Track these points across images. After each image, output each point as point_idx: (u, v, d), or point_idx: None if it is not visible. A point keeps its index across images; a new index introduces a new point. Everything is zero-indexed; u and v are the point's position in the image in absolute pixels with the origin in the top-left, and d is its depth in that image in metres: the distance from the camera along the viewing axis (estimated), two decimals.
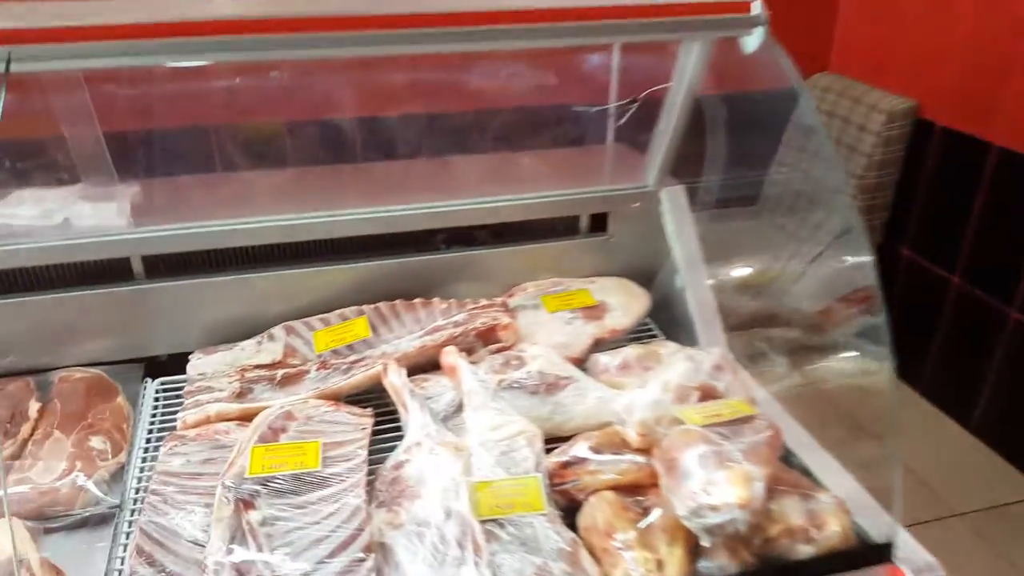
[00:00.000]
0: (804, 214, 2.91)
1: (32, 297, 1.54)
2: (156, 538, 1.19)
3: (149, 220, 1.58)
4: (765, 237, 2.39)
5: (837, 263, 2.13)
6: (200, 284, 1.63)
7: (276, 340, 1.63)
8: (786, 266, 2.06)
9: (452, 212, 1.76)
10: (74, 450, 1.34)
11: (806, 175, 2.93)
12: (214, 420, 1.44)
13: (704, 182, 1.82)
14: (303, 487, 1.26)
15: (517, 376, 1.53)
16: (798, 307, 1.95)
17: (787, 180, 2.98)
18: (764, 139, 2.97)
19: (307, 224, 1.67)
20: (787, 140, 3.24)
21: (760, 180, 2.94)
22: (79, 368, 1.56)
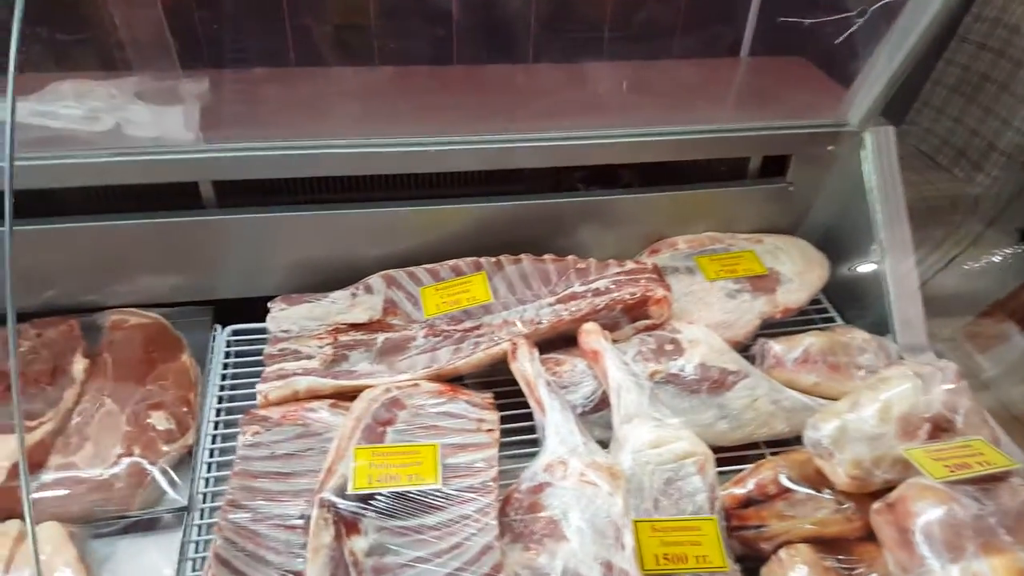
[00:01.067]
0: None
1: (77, 224, 1.22)
2: (238, 568, 0.92)
3: (222, 134, 1.22)
4: (994, 204, 1.93)
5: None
6: (282, 217, 1.30)
7: (375, 292, 1.31)
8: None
9: (592, 147, 1.36)
10: (131, 429, 1.06)
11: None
12: (303, 397, 1.15)
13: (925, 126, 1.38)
14: (419, 508, 0.98)
15: (674, 368, 1.20)
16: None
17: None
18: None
19: (413, 153, 1.30)
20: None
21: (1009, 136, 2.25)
22: (134, 310, 1.27)
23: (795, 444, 1.19)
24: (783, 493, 1.05)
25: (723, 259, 1.40)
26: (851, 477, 1.01)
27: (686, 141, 1.40)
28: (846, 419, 1.05)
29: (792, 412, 1.21)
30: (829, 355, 1.28)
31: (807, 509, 1.04)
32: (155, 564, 0.97)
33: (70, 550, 0.92)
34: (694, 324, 1.28)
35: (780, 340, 1.29)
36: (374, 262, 1.36)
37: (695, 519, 1.00)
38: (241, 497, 0.99)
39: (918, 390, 1.07)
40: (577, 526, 0.95)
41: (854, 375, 1.27)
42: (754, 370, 1.24)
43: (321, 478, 0.99)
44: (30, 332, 1.19)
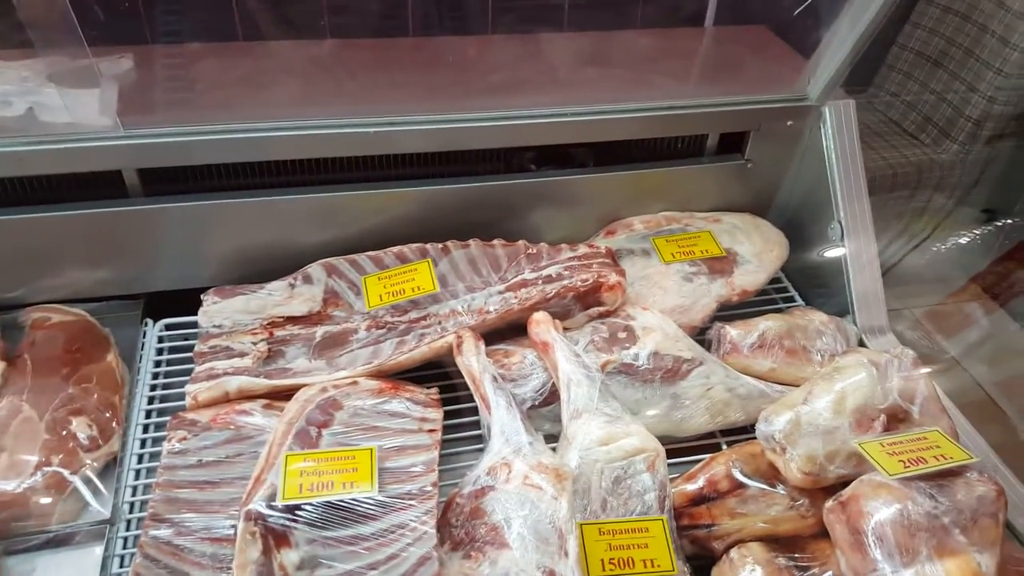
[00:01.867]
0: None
1: None
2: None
3: (147, 119, 1.12)
4: (961, 175, 1.86)
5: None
6: (215, 205, 1.20)
7: (314, 283, 1.23)
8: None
9: (545, 126, 1.28)
10: (49, 437, 0.99)
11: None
12: (234, 398, 1.08)
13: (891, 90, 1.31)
14: (354, 518, 0.92)
15: (627, 358, 1.14)
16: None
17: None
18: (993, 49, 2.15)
19: (357, 134, 1.21)
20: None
21: (975, 101, 2.10)
22: (58, 307, 1.18)
23: (751, 434, 1.14)
24: (735, 489, 1.00)
25: (679, 240, 1.33)
26: (804, 473, 0.97)
27: (643, 119, 1.32)
28: (799, 411, 1.01)
29: (748, 400, 1.16)
30: (786, 339, 1.22)
31: (760, 506, 0.99)
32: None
33: None
34: (648, 310, 1.21)
35: (736, 324, 1.23)
36: (316, 249, 1.27)
37: (643, 520, 0.95)
38: (164, 510, 0.92)
39: (873, 380, 1.03)
40: (519, 532, 0.89)
41: (812, 359, 1.22)
42: (709, 357, 1.18)
43: (249, 488, 0.92)
44: None
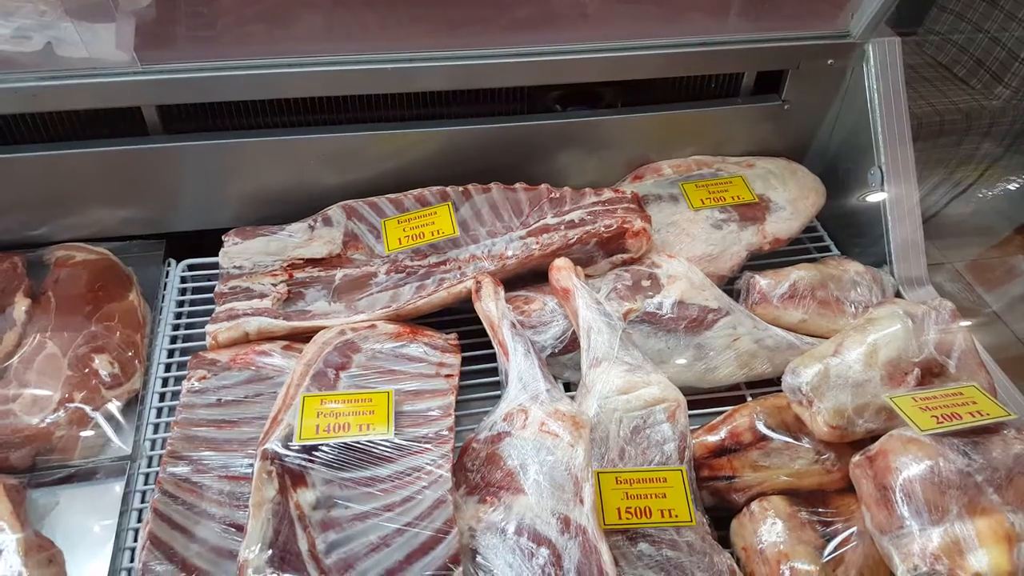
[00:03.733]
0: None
1: (16, 155, 1.10)
2: (177, 522, 0.86)
3: (163, 55, 1.08)
4: (1009, 125, 1.72)
5: None
6: (236, 144, 1.17)
7: (334, 225, 1.19)
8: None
9: (572, 64, 1.20)
10: (72, 374, 0.98)
11: None
12: (254, 339, 1.06)
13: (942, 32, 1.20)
14: (370, 460, 0.90)
15: (651, 306, 1.09)
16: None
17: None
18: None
19: (378, 71, 1.15)
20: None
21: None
22: (82, 245, 1.16)
23: (778, 387, 1.09)
24: (758, 441, 0.96)
25: (710, 185, 1.26)
26: (831, 427, 0.92)
27: (674, 56, 1.23)
28: (828, 363, 0.95)
29: (775, 352, 1.10)
30: (819, 289, 1.16)
31: (783, 459, 0.95)
32: (97, 513, 0.91)
33: (3, 504, 0.85)
34: (675, 258, 1.16)
35: (766, 274, 1.17)
36: (336, 191, 1.23)
37: (661, 470, 0.91)
38: (182, 448, 0.91)
39: (908, 332, 0.96)
40: (535, 479, 0.86)
41: (845, 311, 1.16)
42: (737, 307, 1.13)
43: (266, 428, 0.90)
44: None
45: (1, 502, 0.86)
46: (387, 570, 0.83)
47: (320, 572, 0.81)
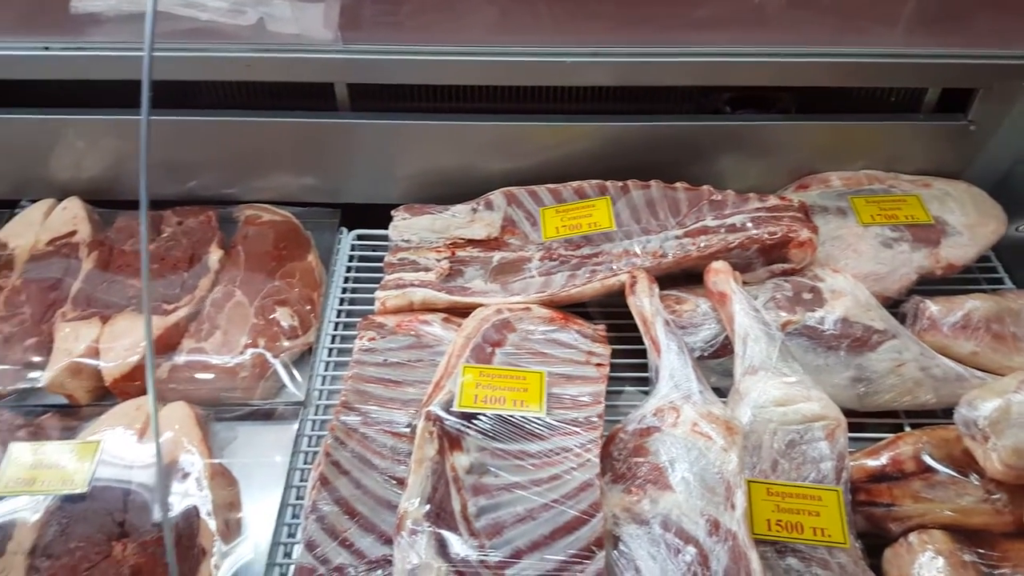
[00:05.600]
0: None
1: (218, 118, 1.20)
2: (345, 468, 0.90)
3: (360, 36, 1.14)
4: None
5: None
6: (411, 125, 1.21)
7: (494, 209, 1.21)
8: None
9: (743, 66, 1.16)
10: (257, 322, 1.05)
11: None
12: (417, 309, 1.10)
13: None
14: (522, 434, 0.91)
15: (811, 320, 1.04)
16: None
17: None
18: None
19: (545, 63, 1.15)
20: None
21: None
22: (268, 207, 1.25)
23: (940, 418, 1.01)
24: (922, 472, 0.89)
25: (882, 202, 1.18)
26: (1008, 466, 0.84)
27: (851, 65, 1.16)
28: (1011, 399, 0.86)
29: (943, 382, 1.02)
30: (994, 322, 1.06)
31: (948, 493, 0.88)
32: (270, 451, 0.97)
33: (195, 431, 0.93)
34: (840, 273, 1.09)
35: (938, 300, 1.08)
36: (497, 176, 1.25)
37: (817, 488, 0.87)
38: (354, 400, 0.96)
39: None
40: (684, 476, 0.84)
41: (1022, 349, 1.06)
42: (904, 331, 1.05)
43: (429, 391, 0.94)
44: (172, 219, 1.20)
45: (193, 429, 0.93)
46: (532, 542, 0.83)
47: (471, 533, 0.83)
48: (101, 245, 1.14)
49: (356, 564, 0.85)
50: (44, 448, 0.91)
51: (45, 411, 0.98)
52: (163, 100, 1.21)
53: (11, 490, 0.88)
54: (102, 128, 1.20)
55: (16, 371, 1.00)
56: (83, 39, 1.09)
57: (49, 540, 0.85)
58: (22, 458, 0.90)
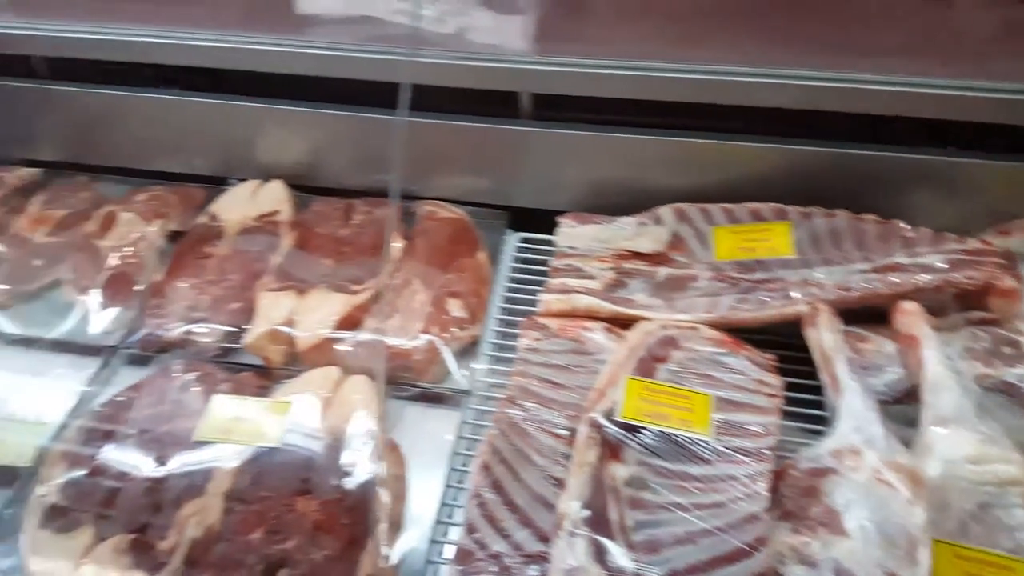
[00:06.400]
0: None
1: (413, 119, 1.25)
2: (507, 459, 0.92)
3: (550, 48, 1.16)
4: None
5: None
6: (589, 136, 1.22)
7: (663, 224, 1.19)
8: None
9: (946, 99, 1.07)
10: (431, 310, 1.10)
11: None
12: (580, 315, 1.10)
13: None
14: (685, 454, 0.89)
15: (1011, 377, 0.94)
16: None
17: None
18: None
19: (720, 82, 1.13)
20: None
21: None
22: (444, 204, 1.30)
23: None
24: None
25: None
26: None
27: None
28: None
29: None
30: None
31: None
32: (437, 432, 1.01)
33: (375, 405, 0.98)
34: None
35: None
36: (667, 191, 1.23)
37: (1015, 560, 0.78)
38: (518, 395, 0.98)
39: None
40: (862, 524, 0.79)
41: None
42: None
43: (592, 398, 0.93)
44: (362, 209, 1.28)
45: (373, 403, 0.99)
46: (690, 565, 0.81)
47: (628, 546, 0.82)
48: (299, 226, 1.24)
49: (512, 555, 0.86)
50: (243, 403, 1.00)
51: (243, 369, 1.08)
52: (358, 98, 1.31)
53: (213, 437, 0.97)
54: (306, 120, 1.31)
55: (221, 331, 1.11)
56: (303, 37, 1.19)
57: (243, 487, 0.92)
58: (223, 410, 0.99)
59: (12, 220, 1.32)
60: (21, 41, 1.32)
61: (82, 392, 1.08)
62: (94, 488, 0.96)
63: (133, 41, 1.25)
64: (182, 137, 1.36)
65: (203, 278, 1.16)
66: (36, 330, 1.18)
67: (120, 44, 1.26)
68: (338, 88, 1.30)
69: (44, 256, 1.25)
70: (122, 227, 1.25)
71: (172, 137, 1.36)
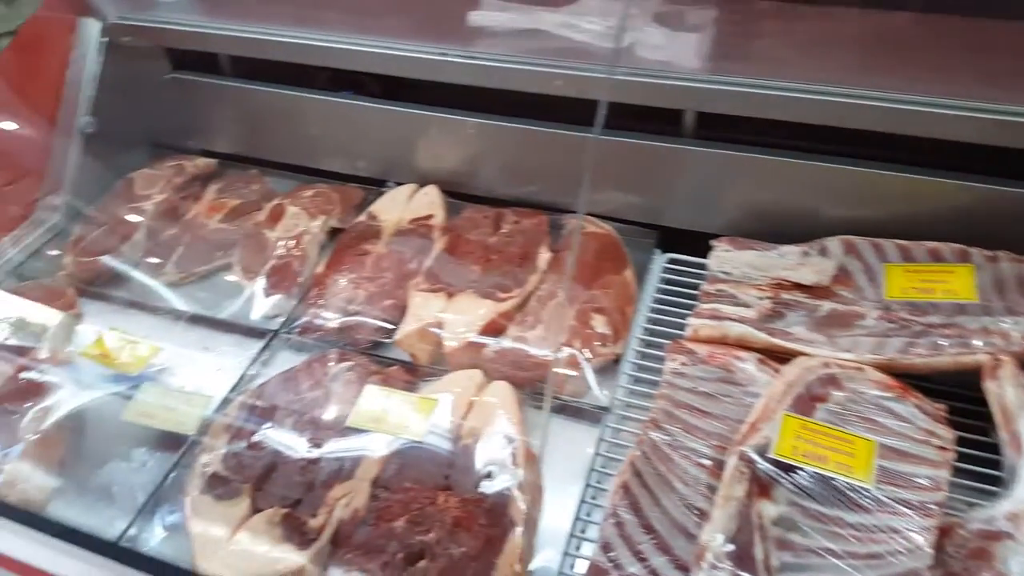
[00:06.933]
0: None
1: (569, 132, 1.33)
2: (647, 482, 0.96)
3: (721, 67, 1.19)
4: None
5: None
6: (751, 158, 1.25)
7: (829, 256, 1.19)
8: None
9: None
10: (575, 324, 1.15)
11: None
12: (731, 344, 1.12)
13: None
14: (842, 500, 0.89)
15: None
16: None
17: None
18: None
19: (895, 110, 1.12)
20: None
21: None
22: (593, 219, 1.36)
23: None
24: None
25: None
26: None
27: None
28: None
29: None
30: None
31: None
32: (572, 445, 1.06)
33: (515, 411, 1.05)
34: None
35: None
36: (831, 223, 1.23)
37: None
38: (663, 419, 1.02)
39: None
40: None
41: None
42: None
43: (744, 431, 0.95)
44: (511, 219, 1.37)
45: (513, 409, 1.06)
46: None
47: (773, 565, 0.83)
48: (450, 231, 1.34)
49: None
50: (391, 396, 1.09)
51: (392, 363, 1.18)
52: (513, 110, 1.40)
53: (363, 425, 1.07)
54: (466, 129, 1.41)
55: (374, 325, 1.22)
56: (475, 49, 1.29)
57: (388, 476, 1.02)
58: (374, 400, 1.09)
59: (190, 206, 1.52)
60: (209, 39, 1.51)
61: (244, 370, 1.23)
62: (253, 461, 1.08)
63: (312, 45, 1.40)
64: (349, 139, 1.51)
65: (360, 274, 1.29)
66: (204, 309, 1.35)
67: (299, 47, 1.42)
68: (493, 99, 1.39)
69: (217, 241, 1.43)
70: (289, 220, 1.41)
71: (340, 139, 1.51)
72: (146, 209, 1.47)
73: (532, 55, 1.25)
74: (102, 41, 1.53)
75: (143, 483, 1.11)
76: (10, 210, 1.58)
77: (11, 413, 1.18)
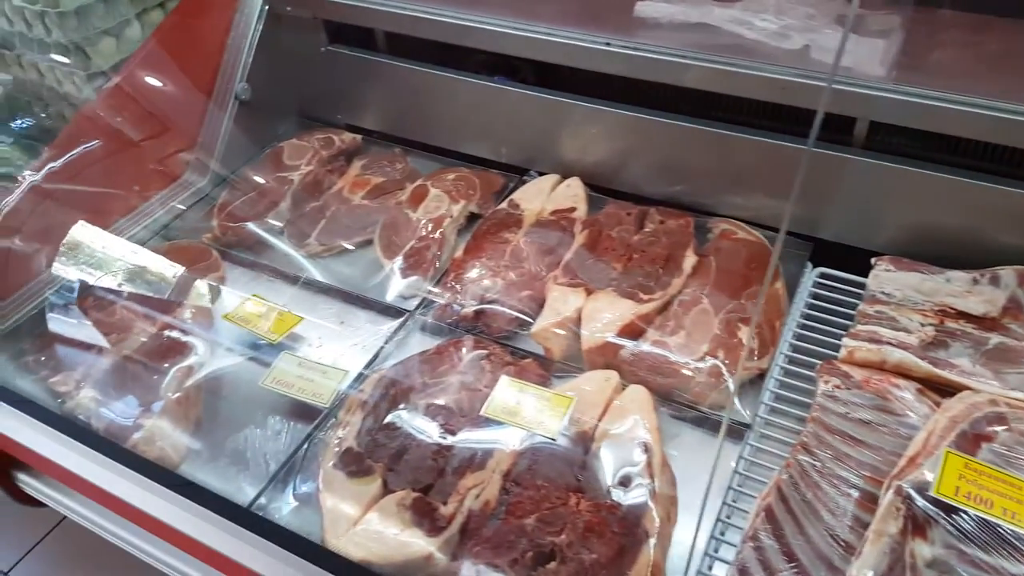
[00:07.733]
0: None
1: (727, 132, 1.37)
2: (793, 509, 0.99)
3: (897, 75, 1.20)
4: None
5: None
6: (926, 175, 1.25)
7: (1000, 287, 1.18)
8: None
9: None
10: (720, 334, 1.20)
11: None
12: (888, 369, 1.14)
13: None
14: (1006, 549, 0.90)
15: None
16: None
17: None
18: None
19: None
20: None
21: None
22: (743, 225, 1.39)
23: None
24: None
25: None
26: None
27: None
28: None
29: None
30: None
31: None
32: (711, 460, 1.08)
33: (652, 418, 1.11)
34: None
35: None
36: (1003, 251, 1.23)
37: None
38: (813, 444, 1.05)
39: None
40: None
41: None
42: None
43: (902, 464, 0.98)
44: (655, 217, 1.42)
45: (650, 416, 1.12)
46: None
47: None
48: (592, 225, 1.41)
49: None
50: (526, 389, 1.17)
51: (526, 356, 1.27)
52: (664, 103, 1.44)
53: (498, 416, 1.15)
54: (618, 122, 1.47)
55: (510, 315, 1.31)
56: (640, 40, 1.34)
57: (520, 471, 1.09)
58: (509, 392, 1.17)
59: (335, 179, 1.65)
60: (368, 14, 1.62)
61: (379, 348, 1.34)
62: (387, 441, 1.17)
63: (470, 27, 1.49)
64: (496, 125, 1.60)
65: (499, 262, 1.38)
66: (342, 283, 1.47)
67: (455, 28, 1.51)
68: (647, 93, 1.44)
69: (359, 217, 1.55)
70: (431, 202, 1.52)
71: (487, 123, 1.60)
72: (293, 179, 1.61)
73: (703, 50, 1.29)
74: (263, 9, 1.67)
75: (275, 451, 1.21)
76: (148, 166, 1.75)
77: (154, 370, 1.30)
